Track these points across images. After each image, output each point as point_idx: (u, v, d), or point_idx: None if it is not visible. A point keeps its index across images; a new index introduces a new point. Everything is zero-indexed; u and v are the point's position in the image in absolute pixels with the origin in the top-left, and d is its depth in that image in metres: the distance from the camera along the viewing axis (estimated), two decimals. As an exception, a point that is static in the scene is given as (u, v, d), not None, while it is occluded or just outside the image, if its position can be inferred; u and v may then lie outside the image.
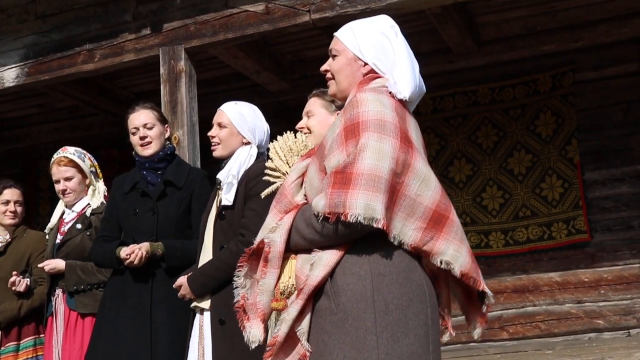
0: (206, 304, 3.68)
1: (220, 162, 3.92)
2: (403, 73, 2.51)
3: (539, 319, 7.35)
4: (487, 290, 2.49)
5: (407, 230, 2.36)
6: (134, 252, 3.96)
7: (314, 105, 3.40)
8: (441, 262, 2.40)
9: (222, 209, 3.74)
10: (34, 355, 4.85)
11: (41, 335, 4.86)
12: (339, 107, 3.36)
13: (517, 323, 7.39)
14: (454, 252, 2.41)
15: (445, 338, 2.60)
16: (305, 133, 3.31)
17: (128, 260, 3.97)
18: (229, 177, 3.74)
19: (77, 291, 4.45)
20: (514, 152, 7.51)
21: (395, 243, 2.34)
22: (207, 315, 3.68)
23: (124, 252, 4.00)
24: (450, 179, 7.61)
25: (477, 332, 2.59)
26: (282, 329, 2.36)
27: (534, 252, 7.38)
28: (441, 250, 2.40)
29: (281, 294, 2.43)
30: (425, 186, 2.39)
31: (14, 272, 4.77)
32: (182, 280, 3.73)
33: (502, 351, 7.24)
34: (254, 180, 3.66)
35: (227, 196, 3.72)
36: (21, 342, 4.86)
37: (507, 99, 7.57)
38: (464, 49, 7.39)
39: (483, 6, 6.92)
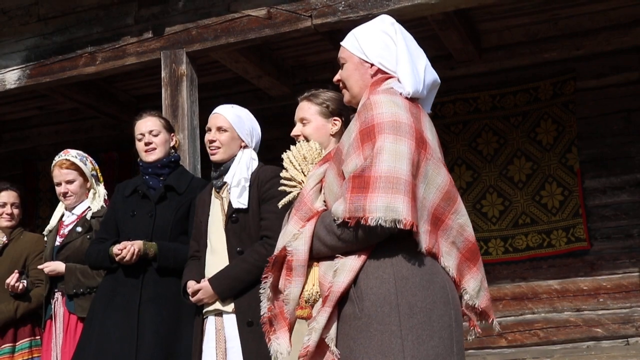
0: (229, 307, 3.65)
1: (214, 166, 3.90)
2: (404, 69, 2.51)
3: (538, 327, 7.34)
4: (469, 296, 2.52)
5: (421, 234, 2.36)
6: (126, 247, 3.97)
7: (308, 112, 3.36)
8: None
9: (233, 212, 3.72)
10: (30, 357, 4.85)
11: (37, 337, 4.86)
12: (333, 112, 3.35)
13: (515, 331, 7.38)
14: (446, 255, 2.44)
15: (470, 338, 2.60)
16: (300, 141, 3.28)
17: (120, 256, 3.97)
18: (242, 181, 3.72)
19: (77, 294, 4.45)
20: (514, 160, 7.51)
21: (419, 247, 2.34)
22: (228, 318, 3.65)
23: (116, 247, 4.01)
24: (450, 185, 7.59)
25: (470, 335, 2.63)
26: (312, 338, 2.33)
27: (533, 259, 7.37)
28: (442, 253, 2.43)
29: (306, 302, 2.43)
30: (428, 189, 2.40)
31: (16, 271, 4.77)
32: (201, 285, 3.69)
33: (501, 359, 7.23)
34: (269, 183, 3.65)
35: (240, 199, 3.69)
36: (17, 343, 4.86)
37: (508, 106, 7.57)
38: (465, 55, 7.40)
39: (485, 13, 6.92)
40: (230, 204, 3.75)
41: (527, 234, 7.39)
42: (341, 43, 2.68)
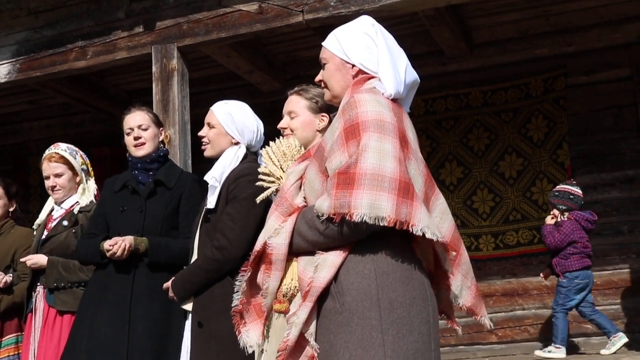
0: (189, 306, 3.69)
1: (212, 163, 3.92)
2: (385, 70, 2.53)
3: (528, 323, 7.36)
4: (453, 282, 2.49)
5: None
6: (117, 243, 3.97)
7: (297, 105, 3.36)
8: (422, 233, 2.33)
9: (207, 212, 3.75)
10: (15, 352, 4.82)
11: (24, 333, 4.83)
12: (322, 108, 3.35)
13: (506, 327, 7.40)
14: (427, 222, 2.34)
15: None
16: (286, 134, 3.28)
17: (111, 252, 3.97)
18: (211, 180, 3.74)
19: (57, 288, 4.43)
20: (505, 156, 7.53)
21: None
22: (189, 317, 3.70)
23: (107, 243, 4.00)
24: (441, 181, 7.61)
25: (458, 332, 2.64)
26: (292, 333, 2.34)
27: (524, 255, 7.40)
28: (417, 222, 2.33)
29: (283, 296, 2.45)
30: None
31: None
32: (168, 283, 3.75)
33: (491, 354, 7.26)
34: (234, 184, 3.67)
35: (210, 199, 3.73)
36: (3, 339, 4.83)
37: (499, 102, 7.59)
38: (457, 51, 7.41)
39: (476, 9, 6.93)
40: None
41: (517, 230, 7.42)
42: (322, 44, 2.69)
